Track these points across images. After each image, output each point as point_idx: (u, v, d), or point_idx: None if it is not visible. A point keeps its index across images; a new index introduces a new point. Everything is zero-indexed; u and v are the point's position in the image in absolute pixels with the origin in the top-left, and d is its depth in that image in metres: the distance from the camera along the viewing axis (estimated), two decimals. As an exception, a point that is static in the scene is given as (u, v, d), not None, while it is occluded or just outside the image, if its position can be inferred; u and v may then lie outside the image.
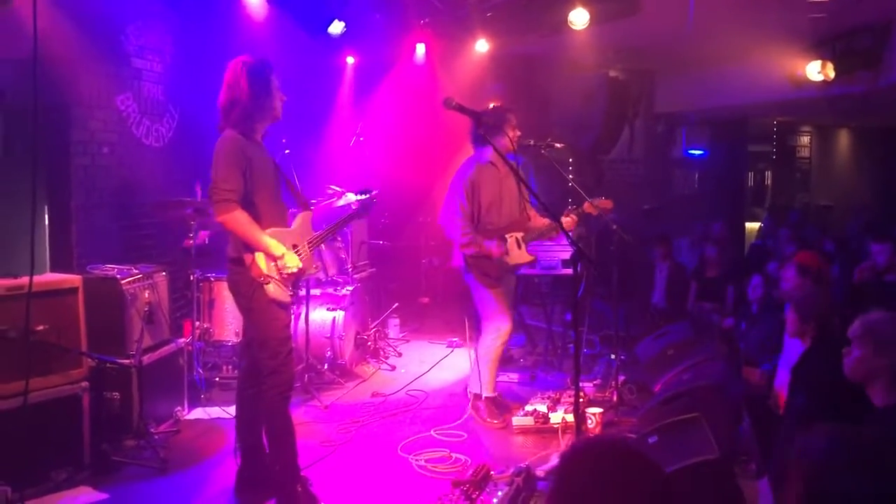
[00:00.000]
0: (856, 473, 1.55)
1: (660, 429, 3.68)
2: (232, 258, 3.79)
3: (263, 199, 3.77)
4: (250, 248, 3.68)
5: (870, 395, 2.82)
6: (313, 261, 4.04)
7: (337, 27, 7.00)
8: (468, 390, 5.38)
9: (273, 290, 3.68)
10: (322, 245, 6.54)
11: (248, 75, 3.74)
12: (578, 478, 1.58)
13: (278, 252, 3.69)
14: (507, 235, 5.14)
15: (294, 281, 3.81)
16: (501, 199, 5.19)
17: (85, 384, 4.26)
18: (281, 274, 3.70)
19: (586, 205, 5.24)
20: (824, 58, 8.05)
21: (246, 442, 4.00)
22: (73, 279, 4.36)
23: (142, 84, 6.18)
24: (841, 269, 7.25)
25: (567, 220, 5.07)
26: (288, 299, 3.77)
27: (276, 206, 3.88)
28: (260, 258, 3.67)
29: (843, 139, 16.36)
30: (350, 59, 8.65)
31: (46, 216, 5.35)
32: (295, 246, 3.84)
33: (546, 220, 5.26)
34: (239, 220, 3.63)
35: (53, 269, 5.08)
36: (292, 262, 3.71)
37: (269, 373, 3.75)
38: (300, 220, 4.00)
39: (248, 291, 3.70)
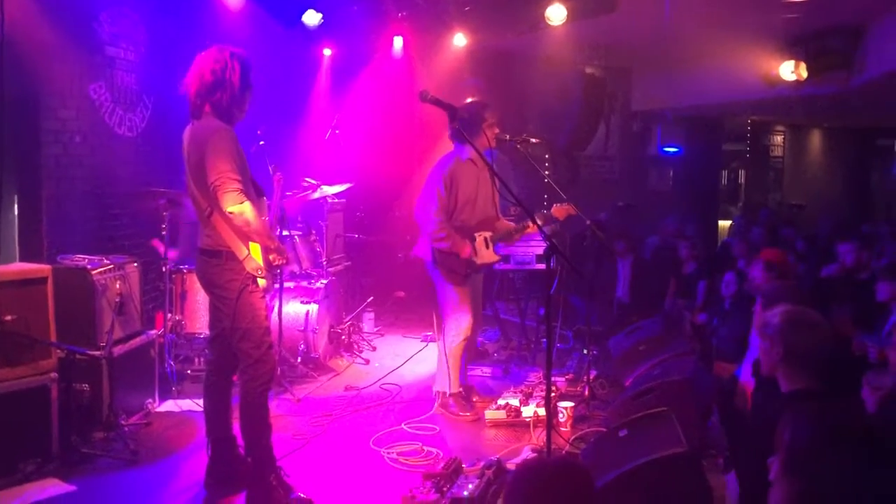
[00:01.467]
0: (838, 451, 1.59)
1: (630, 423, 3.72)
2: (208, 251, 3.75)
3: (249, 189, 3.75)
4: (246, 239, 3.67)
5: (780, 385, 2.91)
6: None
7: (313, 17, 6.97)
8: (434, 389, 5.38)
9: (263, 282, 3.72)
10: (296, 237, 6.57)
11: (240, 68, 3.75)
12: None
13: (275, 243, 3.74)
14: (476, 235, 5.16)
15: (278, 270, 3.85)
16: (476, 197, 5.20)
17: (54, 375, 4.22)
18: (271, 265, 3.72)
19: (553, 209, 5.31)
20: (797, 58, 8.17)
21: (215, 434, 3.99)
22: (42, 269, 4.32)
23: (115, 73, 6.10)
24: (808, 267, 7.36)
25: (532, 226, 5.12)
26: (271, 289, 3.84)
27: (256, 195, 3.86)
28: (255, 251, 3.68)
29: (816, 139, 16.58)
30: (327, 51, 8.60)
31: (16, 206, 5.27)
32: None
33: (511, 224, 5.31)
34: (249, 211, 3.61)
35: (23, 260, 5.01)
36: (282, 252, 3.77)
37: (253, 363, 3.74)
38: (265, 207, 4.00)
39: (236, 284, 3.68)
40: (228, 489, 3.93)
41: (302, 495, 3.81)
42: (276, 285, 5.98)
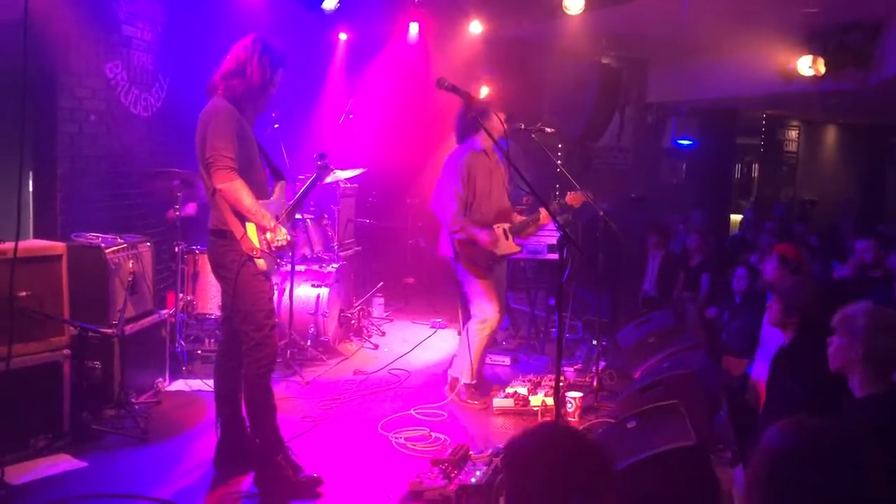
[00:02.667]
0: (816, 464, 1.58)
1: (638, 414, 3.72)
2: (215, 230, 3.78)
3: (250, 171, 3.76)
4: (242, 219, 3.68)
5: (850, 385, 2.87)
6: (287, 232, 3.97)
7: (330, 2, 6.94)
8: (448, 371, 5.40)
9: (263, 263, 3.71)
10: (308, 221, 6.58)
11: (265, 58, 3.77)
12: (520, 461, 1.73)
13: (271, 224, 3.70)
14: (495, 226, 5.16)
15: (281, 253, 3.82)
16: (491, 189, 5.20)
17: (66, 352, 4.25)
18: (270, 246, 3.70)
19: (568, 197, 5.29)
20: (816, 53, 8.08)
21: (225, 414, 4.02)
22: (57, 246, 4.34)
23: (131, 52, 6.10)
24: (822, 263, 7.33)
25: (543, 214, 5.11)
26: (273, 271, 3.79)
27: (260, 177, 3.88)
28: (252, 231, 3.68)
29: (831, 135, 16.45)
30: (343, 36, 8.58)
31: (31, 183, 5.30)
32: (277, 217, 3.83)
33: (524, 217, 5.30)
34: (239, 188, 3.63)
35: (37, 237, 5.04)
36: (282, 235, 3.73)
37: (254, 345, 3.75)
38: (278, 190, 4.00)
39: (235, 265, 3.70)
40: (237, 468, 3.96)
41: (314, 475, 3.84)
42: (286, 267, 6.01)
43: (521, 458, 1.73)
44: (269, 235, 3.69)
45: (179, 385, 5.32)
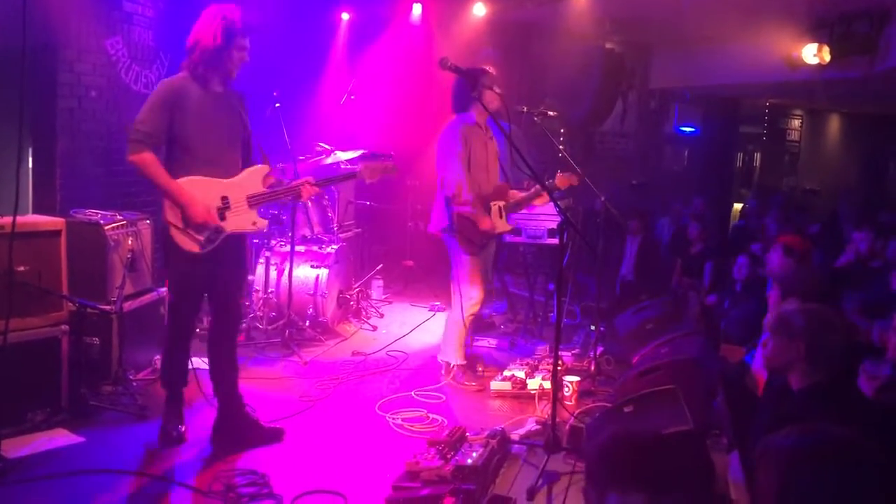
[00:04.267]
0: (826, 470, 1.60)
1: (636, 399, 3.73)
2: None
3: (200, 146, 3.74)
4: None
5: (790, 381, 2.93)
6: (250, 217, 3.90)
7: (333, -19, 6.90)
8: (439, 357, 5.40)
9: (177, 236, 3.70)
10: (309, 203, 6.55)
11: (216, 24, 3.75)
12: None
13: (180, 200, 3.67)
14: (491, 204, 5.14)
15: (209, 234, 3.75)
16: (487, 163, 5.17)
17: (65, 327, 4.25)
18: (185, 221, 3.69)
19: (557, 178, 5.26)
20: (821, 41, 8.05)
21: (222, 391, 4.07)
22: (55, 221, 4.33)
23: (132, 28, 6.07)
24: (824, 253, 7.32)
25: (537, 189, 5.08)
26: (195, 249, 3.73)
27: (217, 155, 3.82)
28: (168, 203, 3.72)
29: (834, 124, 16.41)
30: (345, 16, 8.54)
31: (30, 159, 5.29)
32: (225, 198, 3.79)
33: (521, 193, 5.27)
34: (145, 162, 3.65)
35: (36, 212, 5.03)
36: (194, 214, 3.67)
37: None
38: (247, 173, 3.93)
39: (165, 241, 3.79)
40: (235, 446, 3.99)
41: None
42: (286, 248, 5.99)
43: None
44: (188, 213, 3.67)
45: (177, 363, 5.31)
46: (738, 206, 13.23)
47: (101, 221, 4.72)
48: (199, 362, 5.24)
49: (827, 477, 1.59)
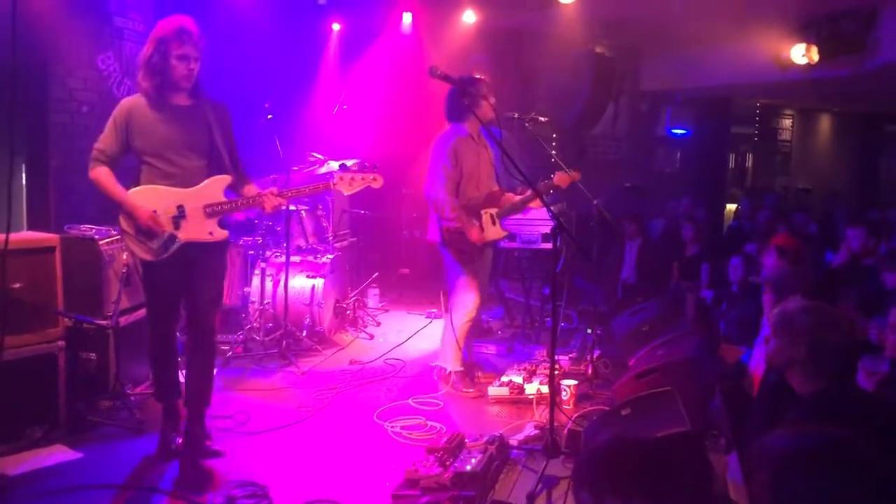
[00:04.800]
0: (819, 471, 1.60)
1: (633, 401, 3.74)
2: None
3: (157, 158, 3.85)
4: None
5: (790, 382, 2.87)
6: (206, 227, 3.91)
7: (323, -8, 6.93)
8: (434, 364, 5.41)
9: (130, 243, 3.88)
10: (303, 212, 6.56)
11: (151, 39, 3.85)
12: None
13: (125, 208, 3.83)
14: (482, 212, 5.15)
15: (162, 241, 3.82)
16: (479, 173, 5.20)
17: (61, 343, 4.25)
18: (136, 229, 3.82)
19: (556, 177, 5.25)
20: (809, 41, 8.11)
21: (189, 413, 4.10)
22: (50, 238, 4.34)
23: (123, 43, 6.09)
24: (817, 252, 7.36)
25: (531, 192, 5.09)
26: (148, 256, 3.85)
27: (174, 165, 3.87)
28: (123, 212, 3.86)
29: (825, 123, 16.48)
30: (336, 26, 8.56)
31: (24, 175, 5.29)
32: (180, 207, 3.84)
33: (515, 197, 5.29)
34: (98, 177, 3.85)
35: (31, 229, 5.04)
36: (137, 217, 3.78)
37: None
38: (208, 182, 3.93)
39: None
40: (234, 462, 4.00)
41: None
42: (282, 259, 5.99)
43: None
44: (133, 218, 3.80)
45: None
46: (731, 206, 13.26)
47: (96, 236, 4.72)
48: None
49: (820, 479, 1.59)
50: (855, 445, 1.63)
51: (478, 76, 5.19)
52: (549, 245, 6.16)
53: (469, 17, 8.22)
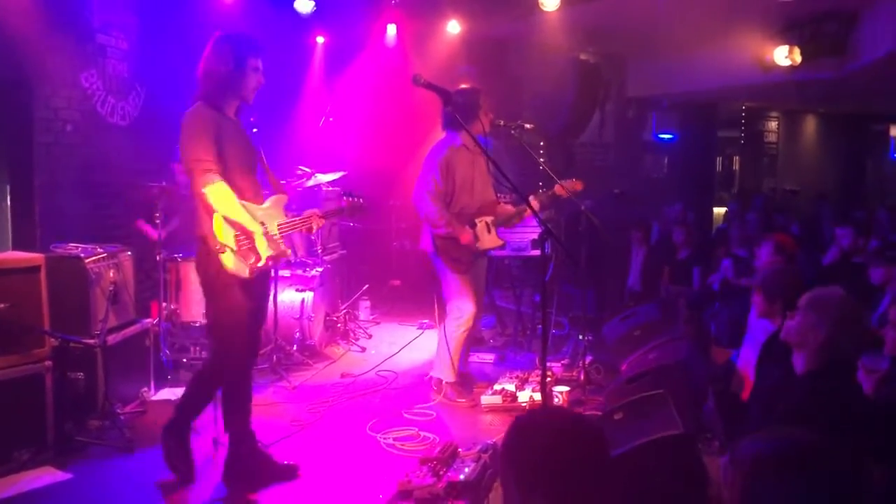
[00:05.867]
0: (790, 476, 1.59)
1: (625, 406, 3.72)
2: (196, 237, 3.72)
3: (235, 173, 3.71)
4: (207, 227, 3.60)
5: (794, 360, 2.96)
6: (282, 245, 3.88)
7: (306, 5, 6.93)
8: (430, 374, 5.38)
9: (230, 261, 3.59)
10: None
11: (225, 49, 3.71)
12: (527, 447, 1.68)
13: (251, 228, 3.64)
14: (477, 220, 5.14)
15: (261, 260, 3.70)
16: (473, 182, 5.18)
17: (48, 363, 4.20)
18: (239, 244, 3.62)
19: (557, 187, 5.24)
20: (792, 43, 8.16)
21: (234, 427, 3.89)
22: (35, 257, 4.30)
23: (107, 61, 6.07)
24: (807, 252, 7.37)
25: (533, 203, 5.07)
26: (246, 275, 3.64)
27: (249, 181, 3.82)
28: (218, 224, 3.59)
29: (810, 125, 16.58)
30: (320, 39, 8.56)
31: (8, 195, 5.26)
32: (262, 224, 3.76)
33: (512, 208, 5.28)
34: (223, 191, 3.58)
35: (16, 248, 5.00)
36: (262, 244, 3.66)
37: (219, 356, 3.75)
38: (272, 201, 3.92)
39: (211, 271, 3.65)
40: (248, 485, 3.85)
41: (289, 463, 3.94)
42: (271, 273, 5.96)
43: (525, 440, 1.69)
44: (256, 242, 3.64)
45: (165, 394, 5.26)
46: (719, 210, 13.31)
47: (82, 255, 4.69)
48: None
49: (790, 484, 1.58)
50: (826, 450, 1.62)
51: (473, 86, 5.20)
52: (538, 252, 6.15)
53: (453, 27, 8.24)
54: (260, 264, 3.68)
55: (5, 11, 4.70)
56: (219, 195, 3.57)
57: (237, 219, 3.62)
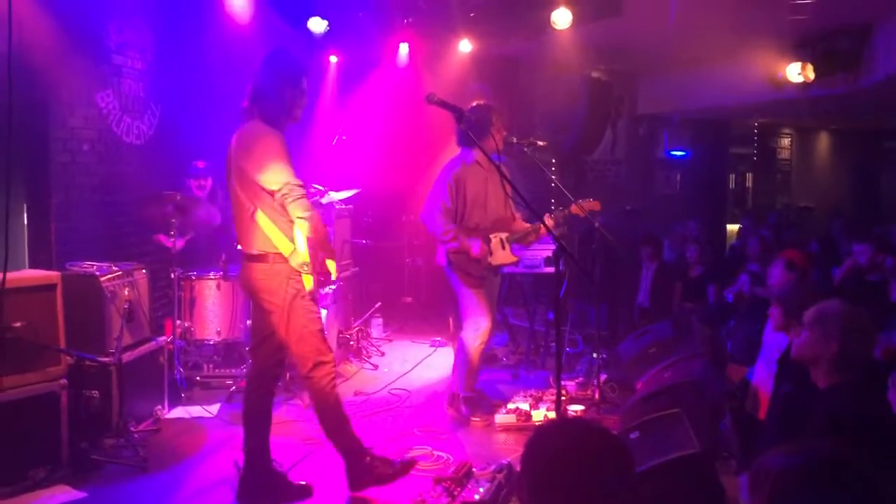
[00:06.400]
0: (815, 491, 1.58)
1: (641, 425, 3.70)
2: (256, 255, 3.75)
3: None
4: (288, 238, 3.69)
5: (813, 376, 2.95)
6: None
7: (319, 25, 6.99)
8: (451, 391, 5.37)
9: (310, 282, 3.73)
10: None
11: (282, 68, 3.79)
12: (544, 454, 1.67)
13: (328, 251, 3.81)
14: (491, 235, 5.14)
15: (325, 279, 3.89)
16: (486, 198, 5.19)
17: (63, 382, 4.22)
18: (314, 265, 3.73)
19: (573, 206, 5.23)
20: (804, 59, 8.13)
21: (251, 446, 3.91)
22: (51, 276, 4.33)
23: (122, 81, 6.13)
24: (821, 269, 7.32)
25: (547, 221, 5.07)
26: (320, 287, 3.90)
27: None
28: (305, 247, 3.68)
29: (824, 141, 16.53)
30: (333, 58, 8.62)
31: (25, 214, 5.29)
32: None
33: (528, 225, 5.27)
34: (317, 216, 3.72)
35: (32, 267, 5.03)
36: (332, 265, 3.81)
37: (314, 365, 3.79)
38: None
39: (283, 288, 3.70)
40: (263, 502, 3.87)
41: (407, 457, 4.06)
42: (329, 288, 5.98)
43: (545, 454, 1.68)
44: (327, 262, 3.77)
45: (179, 412, 5.28)
46: (732, 227, 13.25)
47: (97, 273, 4.72)
48: (202, 411, 5.24)
49: (818, 498, 1.56)
50: (852, 464, 1.60)
51: (487, 103, 5.22)
52: (551, 269, 6.14)
53: (465, 45, 8.27)
54: (331, 286, 3.84)
55: (24, 33, 4.76)
56: (317, 221, 3.70)
57: (321, 242, 3.75)
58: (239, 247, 3.87)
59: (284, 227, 3.69)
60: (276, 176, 3.62)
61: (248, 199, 3.70)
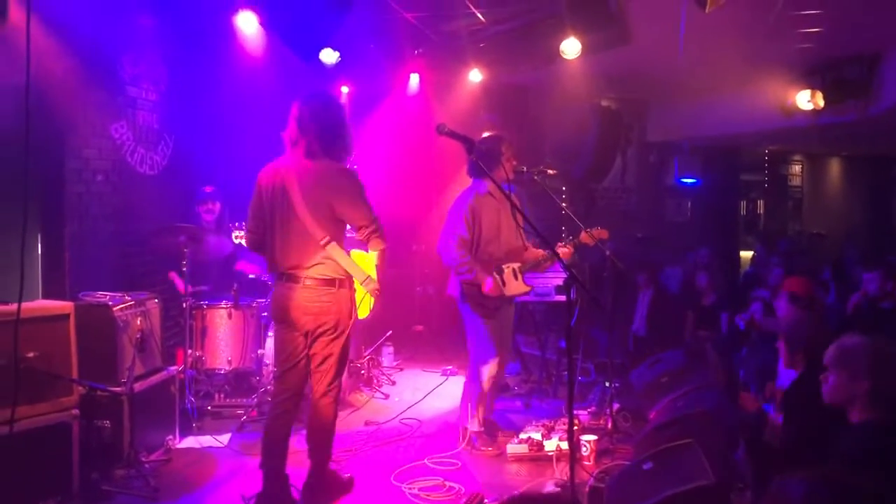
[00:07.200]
0: None
1: (654, 455, 3.66)
2: (330, 280, 4.04)
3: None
4: (356, 271, 4.10)
5: (850, 416, 2.87)
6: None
7: (330, 56, 7.05)
8: (461, 425, 5.34)
9: (367, 311, 4.36)
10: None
11: (339, 107, 4.20)
12: None
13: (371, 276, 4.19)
14: (504, 266, 5.13)
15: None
16: (500, 229, 5.19)
17: (75, 412, 4.22)
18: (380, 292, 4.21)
19: (583, 235, 5.23)
20: (814, 87, 8.15)
21: (269, 466, 4.09)
22: (64, 306, 4.34)
23: (136, 112, 6.20)
24: (837, 296, 7.27)
25: (563, 251, 5.08)
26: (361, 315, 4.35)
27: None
28: (371, 270, 4.19)
29: (835, 168, 16.49)
30: (345, 89, 8.70)
31: (39, 244, 5.33)
32: None
33: (541, 251, 5.27)
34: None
35: (46, 297, 5.05)
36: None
37: (336, 384, 4.18)
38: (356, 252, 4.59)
39: (345, 312, 4.09)
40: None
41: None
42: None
43: None
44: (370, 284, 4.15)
45: (190, 442, 5.27)
46: (744, 254, 13.20)
47: (110, 303, 4.73)
48: (213, 440, 5.22)
49: None
50: (874, 492, 1.59)
51: (498, 133, 5.25)
52: (562, 297, 6.12)
53: (475, 75, 8.34)
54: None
55: (41, 66, 4.83)
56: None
57: (379, 271, 4.24)
58: (290, 271, 4.05)
59: (350, 257, 4.11)
60: (366, 212, 4.10)
61: (324, 229, 4.00)
